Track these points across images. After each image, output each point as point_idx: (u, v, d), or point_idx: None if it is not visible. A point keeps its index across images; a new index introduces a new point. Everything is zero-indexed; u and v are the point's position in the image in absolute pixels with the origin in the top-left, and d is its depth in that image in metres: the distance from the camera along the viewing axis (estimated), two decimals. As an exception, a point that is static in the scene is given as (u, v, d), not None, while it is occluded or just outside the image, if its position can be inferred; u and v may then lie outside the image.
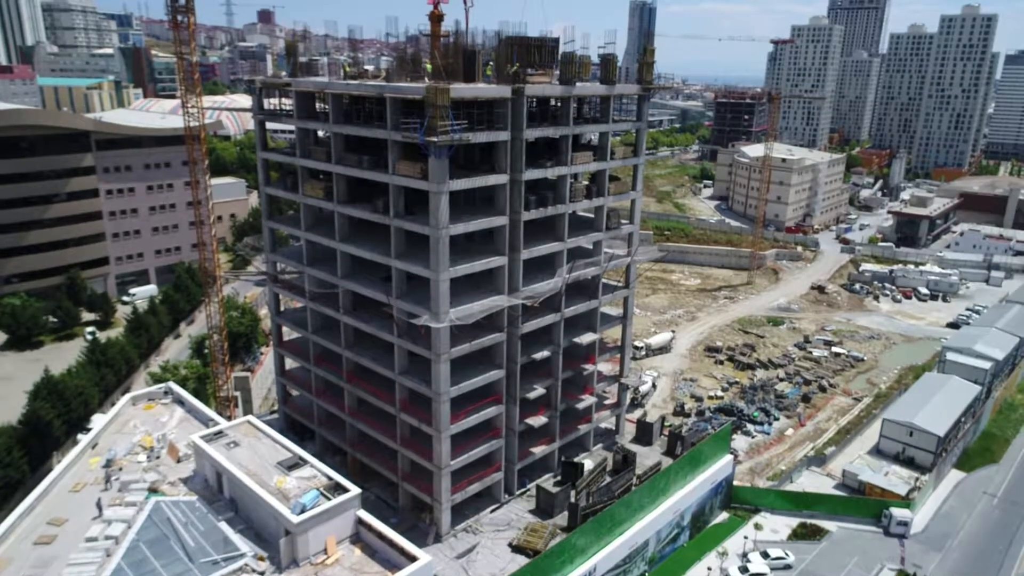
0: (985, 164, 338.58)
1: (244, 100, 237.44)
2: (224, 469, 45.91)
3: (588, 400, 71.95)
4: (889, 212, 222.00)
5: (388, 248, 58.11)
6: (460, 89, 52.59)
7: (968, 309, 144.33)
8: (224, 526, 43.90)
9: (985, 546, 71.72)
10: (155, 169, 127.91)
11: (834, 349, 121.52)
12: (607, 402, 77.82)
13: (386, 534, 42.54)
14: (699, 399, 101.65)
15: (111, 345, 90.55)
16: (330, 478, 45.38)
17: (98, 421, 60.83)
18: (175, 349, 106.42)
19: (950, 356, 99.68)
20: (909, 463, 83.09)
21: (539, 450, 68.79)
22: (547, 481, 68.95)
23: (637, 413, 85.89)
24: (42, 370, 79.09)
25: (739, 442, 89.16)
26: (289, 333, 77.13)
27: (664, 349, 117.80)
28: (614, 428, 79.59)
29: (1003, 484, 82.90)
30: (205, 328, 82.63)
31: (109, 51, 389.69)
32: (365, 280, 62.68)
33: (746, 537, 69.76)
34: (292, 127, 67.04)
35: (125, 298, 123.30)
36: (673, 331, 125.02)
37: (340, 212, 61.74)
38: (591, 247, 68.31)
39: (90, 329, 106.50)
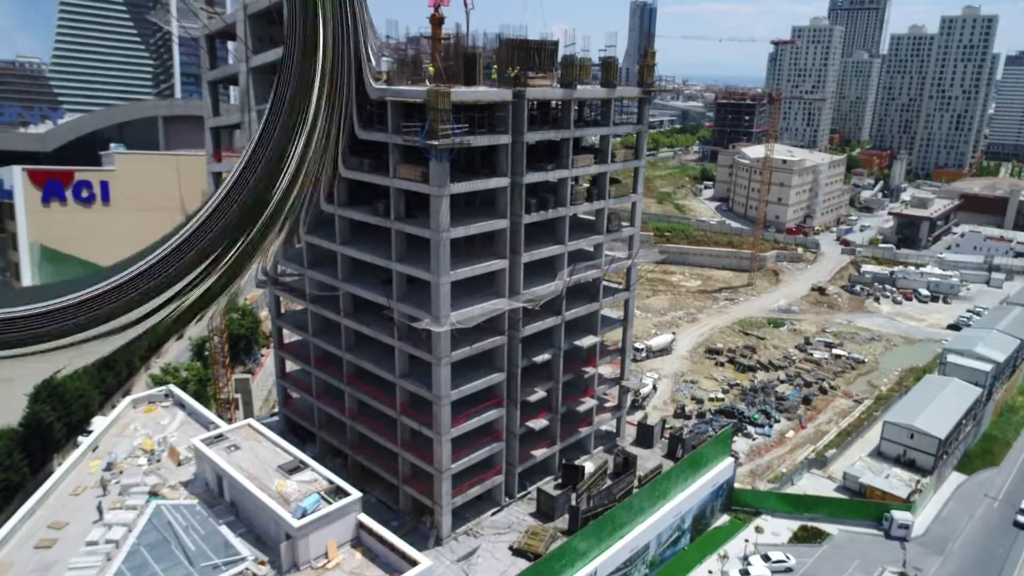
0: (986, 165, 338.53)
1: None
2: (225, 472, 45.88)
3: (589, 403, 71.93)
4: (890, 213, 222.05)
5: (389, 251, 58.09)
6: (461, 92, 52.59)
7: (969, 311, 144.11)
8: (225, 530, 43.87)
9: (986, 549, 71.66)
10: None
11: (835, 351, 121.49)
12: (608, 404, 77.77)
13: (387, 538, 42.51)
14: (700, 401, 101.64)
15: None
16: (331, 482, 45.34)
17: (98, 424, 60.59)
18: (175, 351, 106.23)
19: (951, 358, 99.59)
20: (910, 465, 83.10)
21: (540, 453, 68.73)
22: (548, 484, 68.89)
23: (638, 415, 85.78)
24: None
25: (740, 444, 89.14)
26: (290, 335, 77.12)
27: (665, 351, 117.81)
28: (615, 431, 79.56)
29: (1004, 487, 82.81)
30: (206, 330, 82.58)
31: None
32: (366, 283, 62.63)
33: (747, 540, 69.69)
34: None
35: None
36: (674, 333, 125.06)
37: (341, 215, 61.75)
38: (592, 250, 68.24)
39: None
